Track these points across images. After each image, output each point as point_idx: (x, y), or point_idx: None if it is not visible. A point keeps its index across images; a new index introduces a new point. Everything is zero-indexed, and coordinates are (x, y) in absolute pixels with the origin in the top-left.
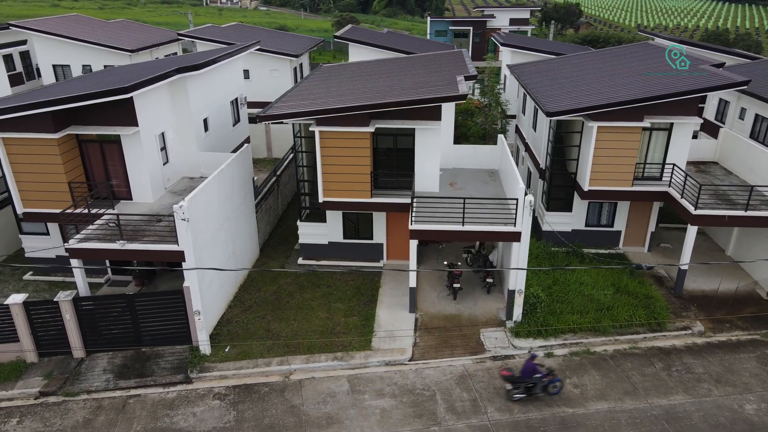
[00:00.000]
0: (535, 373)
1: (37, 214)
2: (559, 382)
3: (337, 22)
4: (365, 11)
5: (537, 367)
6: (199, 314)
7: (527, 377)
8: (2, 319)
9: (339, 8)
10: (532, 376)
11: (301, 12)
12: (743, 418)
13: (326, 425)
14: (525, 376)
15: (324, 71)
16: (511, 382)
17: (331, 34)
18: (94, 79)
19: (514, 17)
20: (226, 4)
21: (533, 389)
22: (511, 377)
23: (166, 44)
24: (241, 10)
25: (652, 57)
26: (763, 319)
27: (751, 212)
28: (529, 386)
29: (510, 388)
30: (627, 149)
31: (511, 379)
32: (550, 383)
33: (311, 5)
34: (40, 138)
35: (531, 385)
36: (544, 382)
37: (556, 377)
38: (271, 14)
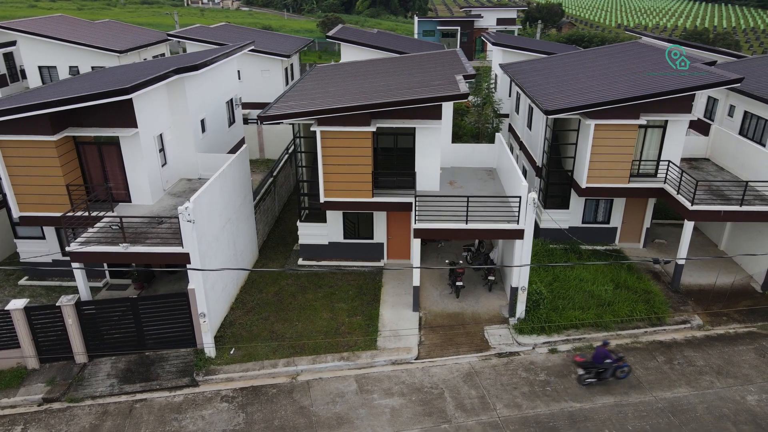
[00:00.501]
0: (606, 358)
1: (33, 218)
2: (627, 367)
3: (322, 23)
4: (348, 11)
5: (609, 353)
6: (204, 316)
7: (599, 362)
8: (2, 325)
9: (322, 8)
10: (603, 361)
11: (284, 12)
12: (746, 409)
13: (337, 425)
14: (597, 362)
15: (319, 71)
16: (583, 367)
17: (316, 34)
18: (88, 81)
19: (501, 17)
20: (208, 5)
21: (603, 374)
22: (584, 363)
23: (154, 45)
24: (223, 10)
25: (642, 55)
26: (759, 312)
27: (746, 207)
28: (600, 371)
29: (582, 373)
30: (623, 146)
31: (583, 365)
32: (618, 368)
33: (294, 6)
34: (38, 140)
35: (602, 370)
36: (613, 367)
37: (625, 363)
38: (254, 15)
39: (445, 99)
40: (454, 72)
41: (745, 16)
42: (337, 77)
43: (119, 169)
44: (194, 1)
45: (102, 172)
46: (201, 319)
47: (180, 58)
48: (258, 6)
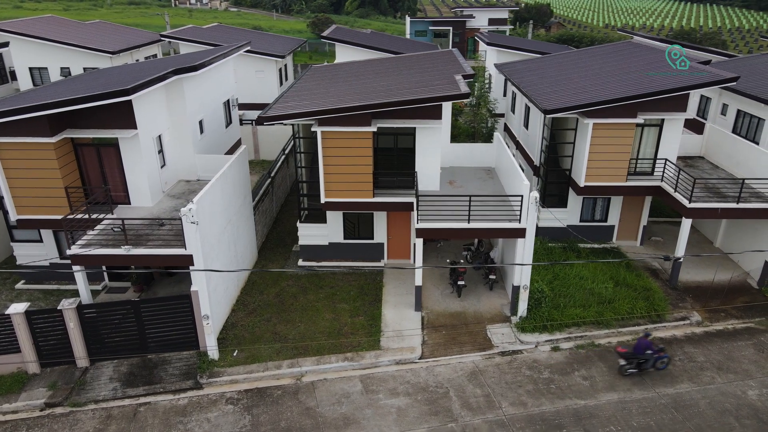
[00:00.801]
0: (647, 349)
1: (31, 221)
2: (667, 358)
3: (312, 23)
4: (337, 12)
5: (650, 344)
6: (208, 318)
7: (640, 353)
8: (3, 330)
9: (311, 9)
10: (644, 352)
11: (273, 13)
12: (747, 404)
13: (344, 426)
14: (638, 352)
15: (316, 72)
16: (625, 358)
17: (306, 34)
18: (84, 82)
19: (493, 17)
20: (196, 6)
21: (644, 364)
22: (626, 354)
23: (146, 46)
24: (211, 11)
25: (636, 55)
26: (756, 308)
27: (743, 204)
28: (641, 362)
29: (623, 363)
30: (621, 145)
31: (625, 356)
32: (658, 359)
33: (283, 6)
34: (36, 142)
35: (642, 360)
36: (654, 358)
37: (665, 354)
38: (242, 15)
39: (446, 99)
40: (452, 72)
41: (730, 16)
42: (336, 78)
43: (118, 170)
44: (182, 1)
45: (100, 174)
46: (204, 321)
47: (177, 59)
48: (246, 6)
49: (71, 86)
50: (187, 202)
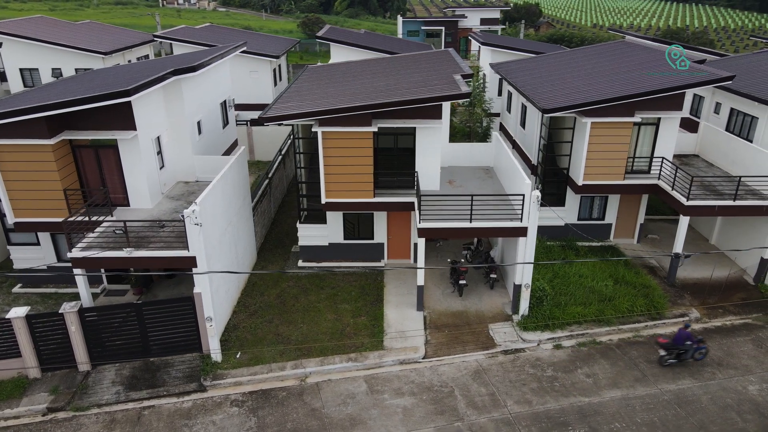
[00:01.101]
0: (687, 340)
1: (29, 224)
2: (705, 349)
3: (303, 23)
4: (327, 12)
5: (690, 335)
6: (211, 320)
7: (680, 344)
8: (3, 334)
9: (300, 9)
10: (684, 342)
11: (262, 13)
12: (748, 399)
13: (350, 426)
14: (678, 343)
15: (313, 72)
16: (665, 348)
17: (296, 34)
18: (80, 83)
19: (485, 17)
20: (184, 6)
21: (684, 355)
22: (666, 344)
23: (139, 46)
24: (199, 11)
25: (630, 54)
26: (753, 304)
27: (740, 202)
28: (681, 352)
29: (663, 354)
30: (619, 144)
31: (665, 346)
32: (697, 350)
33: (272, 6)
34: (34, 144)
35: (682, 351)
36: (693, 349)
37: (704, 345)
38: (231, 15)
39: (447, 98)
40: (451, 71)
41: (716, 16)
42: (334, 78)
43: (117, 172)
44: (170, 1)
45: (99, 175)
46: (207, 323)
47: (174, 59)
48: (235, 6)
49: (67, 87)
50: (187, 204)
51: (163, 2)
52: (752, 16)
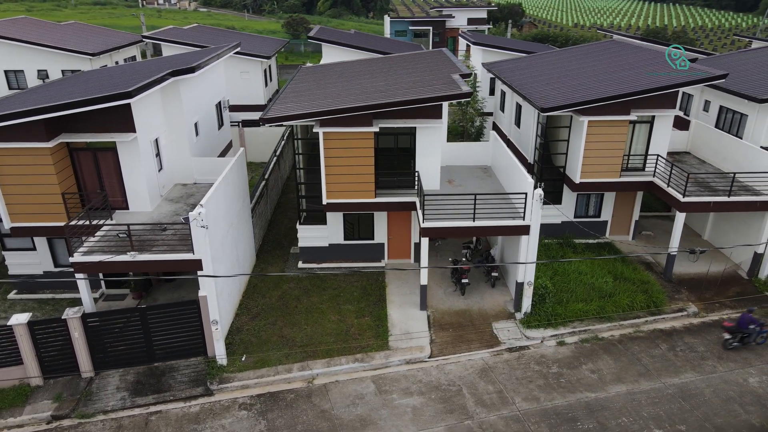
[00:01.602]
0: (751, 323)
1: (26, 229)
2: (766, 333)
3: (287, 23)
4: (309, 12)
5: (754, 319)
6: (217, 323)
7: (744, 327)
8: (5, 342)
9: (283, 9)
10: (748, 326)
11: (245, 13)
12: (749, 391)
13: (361, 427)
14: (742, 327)
15: (308, 72)
16: (730, 332)
17: (281, 35)
18: (74, 84)
19: (472, 17)
20: (164, 6)
21: (748, 338)
22: (731, 328)
23: (126, 47)
24: (180, 11)
25: (622, 53)
26: (748, 298)
27: (734, 198)
28: (744, 336)
29: (728, 338)
30: (615, 142)
31: (730, 330)
32: (759, 333)
33: (254, 6)
34: (32, 147)
35: (746, 334)
36: (756, 332)
37: (766, 328)
38: (213, 15)
39: (449, 98)
40: (448, 71)
41: (693, 15)
42: (330, 78)
43: (116, 175)
44: (150, 1)
45: (97, 179)
46: (213, 326)
47: (169, 60)
48: (216, 7)
49: (62, 89)
50: (187, 206)
51: (142, 2)
52: (728, 16)
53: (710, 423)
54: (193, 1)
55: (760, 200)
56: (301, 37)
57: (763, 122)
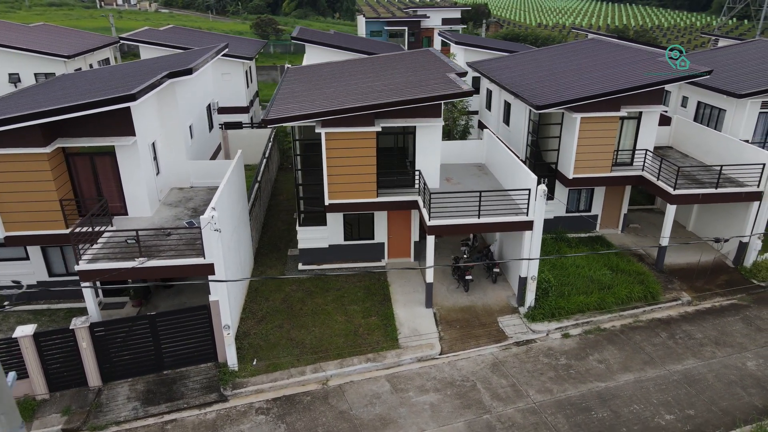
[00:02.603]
0: None
1: (21, 238)
2: None
3: (256, 24)
4: (275, 13)
5: None
6: (229, 328)
7: None
8: (9, 355)
9: (248, 10)
10: None
11: (209, 14)
12: (749, 374)
13: (382, 427)
14: None
15: (297, 73)
16: None
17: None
18: (63, 88)
19: (446, 17)
20: (123, 7)
21: None
22: None
23: (100, 49)
24: (141, 12)
25: (606, 51)
26: (736, 285)
27: (721, 189)
28: None
29: None
30: (606, 138)
31: None
32: None
33: (218, 7)
34: (28, 153)
35: None
36: None
37: None
38: (175, 17)
39: (453, 96)
40: (443, 71)
41: (650, 15)
42: (325, 79)
43: (114, 180)
44: (108, 2)
45: (94, 184)
46: (225, 331)
47: (161, 62)
48: (178, 8)
49: (51, 93)
50: (188, 210)
51: (100, 3)
52: (683, 15)
53: (716, 406)
54: (153, 2)
55: (746, 191)
56: (270, 38)
57: (742, 117)
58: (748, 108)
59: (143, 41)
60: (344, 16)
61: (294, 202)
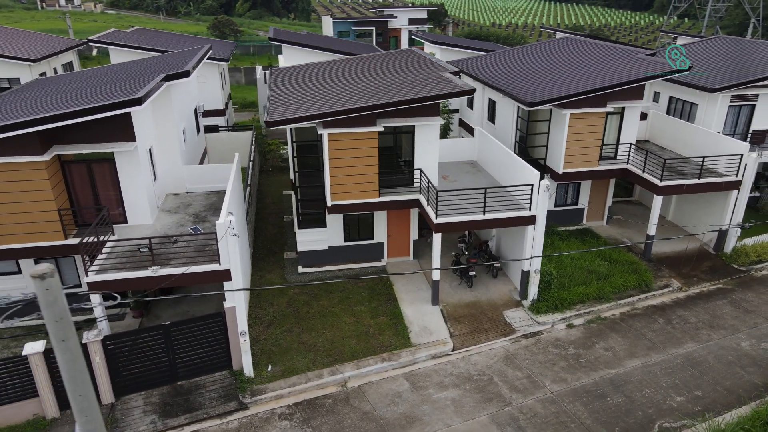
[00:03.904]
0: None
1: (14, 251)
2: None
3: (213, 25)
4: (228, 13)
5: None
6: (245, 335)
7: None
8: (19, 373)
9: (200, 11)
10: None
11: (160, 15)
12: (744, 354)
13: (408, 425)
14: None
15: (284, 75)
16: None
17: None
18: (48, 93)
19: (413, 17)
20: (67, 8)
21: None
22: None
23: (65, 52)
24: (87, 13)
25: (582, 50)
26: (719, 270)
27: (703, 180)
28: None
29: None
30: (594, 132)
31: None
32: None
33: (168, 8)
34: (25, 162)
35: None
36: None
37: None
38: (124, 18)
39: (456, 95)
40: (436, 70)
41: (596, 14)
42: (319, 80)
43: (113, 187)
44: (50, 3)
45: (92, 192)
46: (242, 338)
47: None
48: (125, 9)
49: (36, 98)
50: (189, 216)
51: (42, 5)
52: (628, 14)
53: (720, 386)
54: (98, 3)
55: (725, 180)
56: (229, 39)
57: (714, 110)
58: (719, 102)
59: (115, 44)
60: (300, 17)
61: (280, 206)
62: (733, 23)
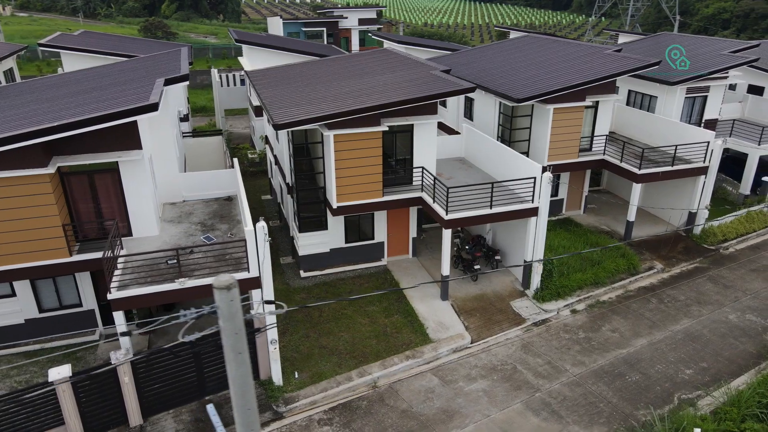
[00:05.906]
0: None
1: (12, 273)
2: None
3: (145, 28)
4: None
5: None
6: (275, 342)
7: None
8: (45, 403)
9: (122, 13)
10: None
11: (79, 18)
12: (734, 326)
13: (448, 419)
14: None
15: (266, 77)
16: None
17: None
18: (34, 100)
19: (362, 17)
20: None
21: None
22: None
23: (7, 57)
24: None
25: (549, 47)
26: (693, 250)
27: (676, 167)
28: None
29: None
30: (575, 126)
31: None
32: None
33: (86, 10)
34: (27, 176)
35: None
36: None
37: None
38: (38, 21)
39: (457, 93)
40: (426, 69)
41: (520, 14)
42: (303, 82)
43: (116, 199)
44: None
45: (93, 205)
46: (272, 346)
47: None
48: (37, 11)
49: (24, 106)
50: (194, 226)
51: None
52: (550, 14)
53: (721, 357)
54: (7, 5)
55: (696, 167)
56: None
57: (673, 102)
58: (678, 94)
59: (69, 48)
60: (230, 18)
61: (261, 211)
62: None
